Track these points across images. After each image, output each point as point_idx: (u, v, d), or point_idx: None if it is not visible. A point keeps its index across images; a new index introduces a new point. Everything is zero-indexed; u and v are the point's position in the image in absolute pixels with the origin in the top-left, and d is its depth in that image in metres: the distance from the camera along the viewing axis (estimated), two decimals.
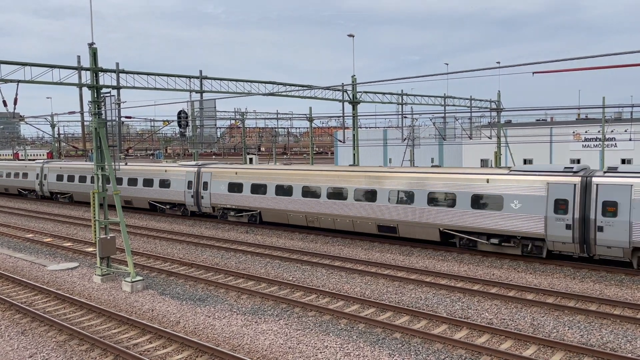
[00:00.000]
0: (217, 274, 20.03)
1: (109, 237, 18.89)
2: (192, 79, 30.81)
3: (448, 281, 18.35)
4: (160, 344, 13.28)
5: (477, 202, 21.21)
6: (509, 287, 17.26)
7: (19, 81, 18.22)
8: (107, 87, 19.36)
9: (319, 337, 13.50)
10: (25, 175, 45.42)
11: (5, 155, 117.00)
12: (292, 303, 16.08)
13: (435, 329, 13.95)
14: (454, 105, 39.95)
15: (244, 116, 66.65)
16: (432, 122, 40.91)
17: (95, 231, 18.91)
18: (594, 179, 18.91)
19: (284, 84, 32.19)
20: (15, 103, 18.53)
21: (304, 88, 31.14)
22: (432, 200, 22.42)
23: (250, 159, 68.39)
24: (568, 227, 19.14)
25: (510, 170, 21.33)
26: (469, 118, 42.67)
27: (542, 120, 66.89)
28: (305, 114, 53.63)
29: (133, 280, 17.79)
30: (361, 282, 18.53)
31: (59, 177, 41.68)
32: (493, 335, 13.40)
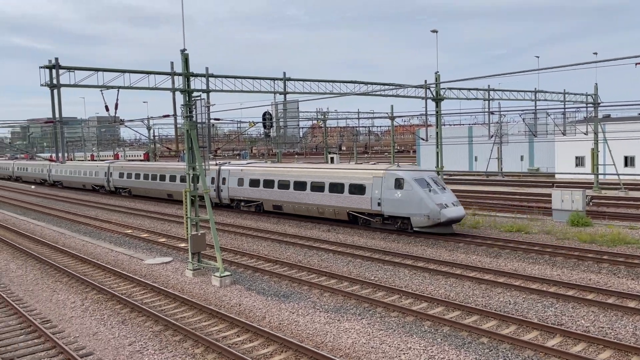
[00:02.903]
0: (301, 271, 20.40)
1: (199, 234, 19.85)
2: (276, 81, 31.53)
3: (539, 285, 17.43)
4: (247, 338, 13.74)
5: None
6: (608, 294, 16.08)
7: (119, 87, 19.63)
8: (198, 90, 20.34)
9: (402, 338, 13.35)
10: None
11: (107, 156, 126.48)
12: (375, 303, 16.02)
13: (525, 335, 13.31)
14: (545, 100, 37.83)
15: (326, 116, 67.18)
16: (522, 118, 39.04)
17: (187, 228, 19.95)
18: (222, 167, 36.80)
19: (365, 83, 32.10)
20: (116, 108, 19.98)
21: (386, 87, 30.88)
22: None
23: (332, 158, 69.17)
24: (215, 190, 37.25)
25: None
26: (563, 113, 40.25)
27: None
28: (386, 113, 53.17)
29: (222, 275, 18.55)
30: (445, 284, 18.09)
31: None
32: (590, 344, 12.56)
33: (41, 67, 18.43)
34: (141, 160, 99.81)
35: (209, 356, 12.66)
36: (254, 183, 33.97)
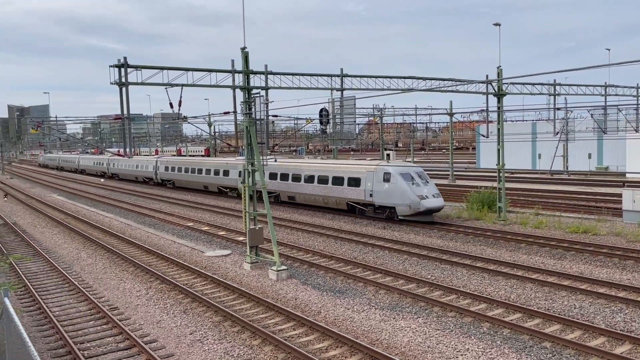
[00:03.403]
0: (356, 267, 20.40)
1: (257, 228, 20.26)
2: (333, 77, 31.54)
3: (607, 289, 16.59)
4: (302, 332, 13.92)
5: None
6: None
7: (182, 85, 20.30)
8: (257, 88, 20.71)
9: (459, 338, 13.10)
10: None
11: (170, 151, 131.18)
12: (431, 302, 15.80)
13: (591, 341, 12.73)
14: (616, 95, 35.85)
15: (382, 112, 66.67)
16: (590, 114, 37.19)
17: (245, 222, 20.40)
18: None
19: (424, 79, 31.56)
20: (179, 105, 20.69)
21: (445, 83, 30.25)
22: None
23: (388, 155, 68.70)
24: (242, 182, 38.28)
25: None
26: (636, 108, 38.04)
27: None
28: (445, 108, 52.11)
29: (278, 269, 18.86)
30: (506, 285, 17.56)
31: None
32: None
33: (111, 66, 19.35)
34: (202, 156, 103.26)
35: (266, 348, 12.93)
36: (273, 176, 37.50)
